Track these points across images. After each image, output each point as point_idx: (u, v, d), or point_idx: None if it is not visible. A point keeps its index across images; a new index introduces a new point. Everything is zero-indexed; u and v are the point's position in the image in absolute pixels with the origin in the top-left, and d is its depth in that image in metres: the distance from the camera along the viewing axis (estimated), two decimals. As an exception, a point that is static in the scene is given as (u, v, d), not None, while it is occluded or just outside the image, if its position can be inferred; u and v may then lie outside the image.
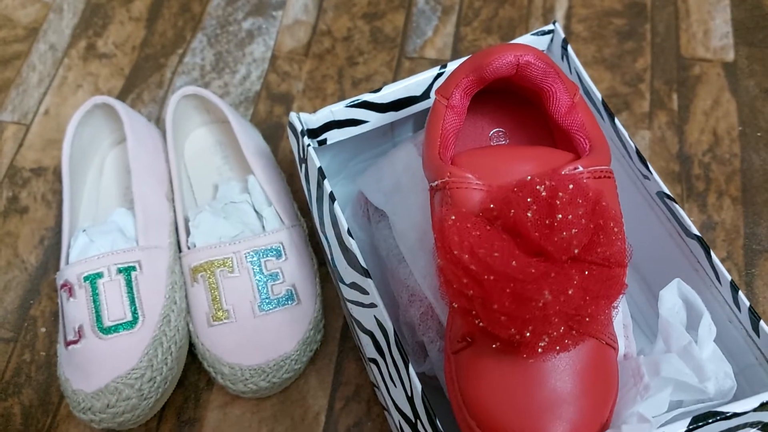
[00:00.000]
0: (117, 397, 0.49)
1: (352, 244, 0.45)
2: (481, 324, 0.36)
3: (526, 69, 0.42)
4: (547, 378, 0.37)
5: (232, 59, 0.70)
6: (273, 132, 0.66)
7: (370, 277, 0.44)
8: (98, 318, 0.51)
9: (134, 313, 0.52)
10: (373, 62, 0.70)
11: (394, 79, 0.69)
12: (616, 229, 0.37)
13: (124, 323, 0.51)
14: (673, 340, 0.42)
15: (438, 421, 0.39)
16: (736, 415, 0.39)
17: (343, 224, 0.46)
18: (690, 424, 0.38)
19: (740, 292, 0.44)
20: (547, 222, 0.36)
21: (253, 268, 0.53)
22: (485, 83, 0.43)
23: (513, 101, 0.46)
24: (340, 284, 0.49)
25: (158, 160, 0.59)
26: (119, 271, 0.52)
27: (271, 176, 0.59)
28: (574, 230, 0.36)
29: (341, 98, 0.68)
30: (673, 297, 0.44)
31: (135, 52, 0.71)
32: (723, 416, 0.39)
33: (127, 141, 0.57)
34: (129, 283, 0.52)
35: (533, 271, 0.35)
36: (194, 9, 0.74)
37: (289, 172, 0.64)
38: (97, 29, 0.73)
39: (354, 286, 0.46)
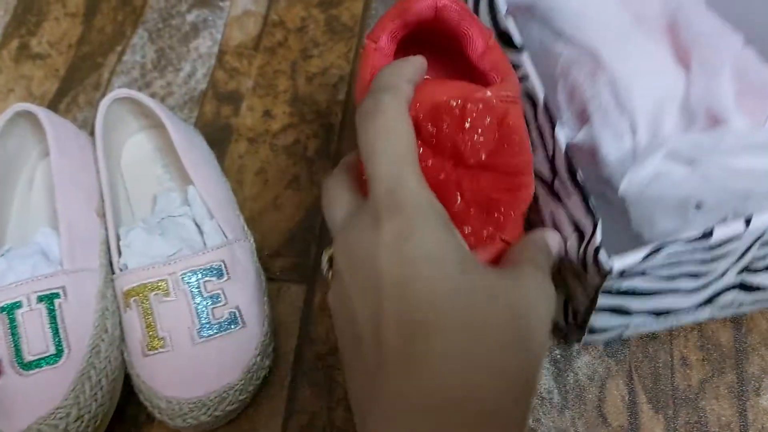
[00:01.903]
0: (40, 441, 0.44)
1: (510, 24, 0.49)
2: None
3: (443, 12, 0.47)
4: None
5: (175, 56, 0.65)
6: (220, 135, 0.61)
7: (524, 51, 0.47)
8: (18, 352, 0.46)
9: (58, 345, 0.46)
10: (329, 54, 0.65)
11: (352, 71, 0.63)
12: (518, 140, 0.43)
13: (47, 357, 0.46)
14: None
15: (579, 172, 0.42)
16: None
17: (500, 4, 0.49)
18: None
19: None
20: (459, 130, 0.42)
21: (191, 291, 0.48)
22: (410, 27, 0.48)
23: (436, 51, 0.51)
24: None
25: (87, 171, 0.53)
26: (40, 299, 0.47)
27: (213, 186, 0.54)
28: (482, 138, 0.42)
29: (294, 95, 0.63)
30: None
31: (71, 50, 0.66)
32: None
33: (50, 152, 0.52)
34: (52, 312, 0.47)
35: (443, 176, 0.42)
36: (135, 1, 0.68)
37: (237, 179, 0.59)
38: (30, 27, 0.67)
39: None
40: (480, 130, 0.43)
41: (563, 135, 0.44)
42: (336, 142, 0.60)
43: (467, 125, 0.42)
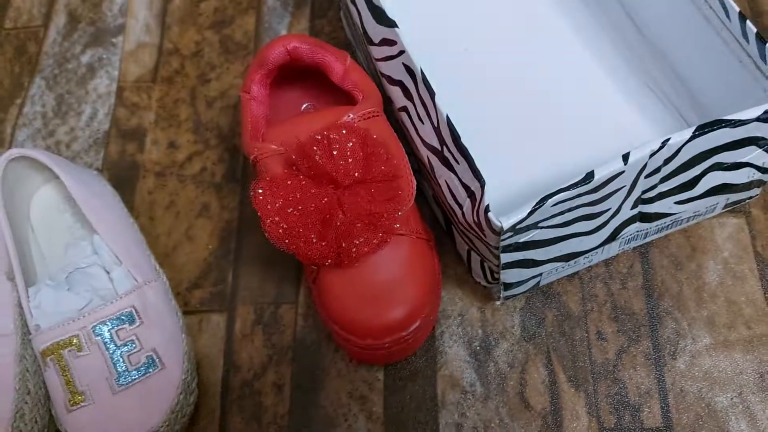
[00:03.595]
0: None
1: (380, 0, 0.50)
2: (309, 254, 0.47)
3: (295, 52, 0.53)
4: (375, 274, 0.47)
5: (74, 100, 0.65)
6: (128, 174, 0.61)
7: (397, 26, 0.49)
8: (-59, 429, 0.47)
9: (-20, 415, 0.47)
10: (227, 75, 0.65)
11: (251, 91, 0.63)
12: (383, 151, 0.48)
13: (-30, 429, 0.47)
14: None
15: (462, 141, 0.44)
16: (741, 122, 0.43)
17: None
18: (695, 131, 0.43)
19: (748, 22, 0.46)
20: (329, 159, 0.47)
21: (104, 342, 0.49)
22: (274, 72, 0.54)
23: (315, 80, 0.57)
24: (371, 47, 0.52)
25: (-8, 235, 0.54)
26: (-45, 374, 0.48)
27: (119, 231, 0.54)
28: (350, 159, 0.47)
29: (196, 123, 0.63)
30: None
31: (-27, 109, 0.66)
32: (729, 123, 0.43)
33: (-52, 224, 0.52)
34: (-31, 385, 0.48)
35: (326, 200, 0.47)
36: (30, 49, 0.68)
37: (149, 216, 0.59)
38: (-70, 91, 0.67)
39: (383, 42, 0.51)
40: (347, 153, 0.47)
41: (443, 104, 0.46)
42: (242, 164, 0.61)
43: (335, 152, 0.47)
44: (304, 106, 0.57)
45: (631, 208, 0.48)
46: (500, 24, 0.62)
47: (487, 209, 0.42)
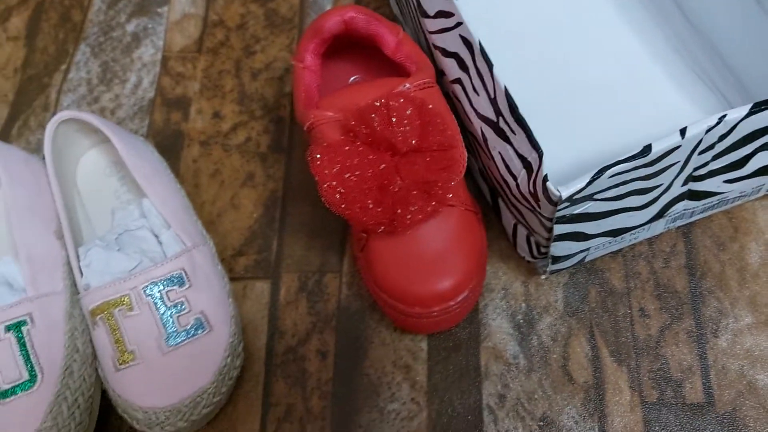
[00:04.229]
0: (24, 465, 0.46)
1: None
2: (364, 219, 0.47)
3: (351, 23, 0.53)
4: (426, 243, 0.48)
5: (119, 68, 0.65)
6: (173, 141, 0.61)
7: None
8: (-8, 382, 0.47)
9: (31, 371, 0.48)
10: (272, 48, 0.65)
11: (296, 64, 0.64)
12: (439, 121, 0.48)
13: (21, 384, 0.47)
14: None
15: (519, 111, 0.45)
16: None
17: None
18: (752, 108, 0.43)
19: None
20: (388, 125, 0.47)
21: (155, 302, 0.49)
22: (328, 42, 0.54)
23: (365, 52, 0.58)
24: (425, 20, 0.53)
25: (43, 195, 0.54)
26: (8, 328, 0.48)
27: (167, 196, 0.54)
28: (408, 127, 0.48)
29: (241, 93, 0.63)
30: None
31: (17, 74, 0.66)
32: None
33: (0, 183, 0.53)
34: (21, 340, 0.48)
35: (383, 166, 0.47)
36: (75, 17, 0.68)
37: (193, 184, 0.59)
38: (-26, 55, 0.68)
39: (439, 14, 0.51)
40: (405, 121, 0.48)
41: (501, 76, 0.46)
42: (288, 135, 0.61)
43: (393, 119, 0.48)
44: (352, 78, 0.58)
45: (682, 185, 0.48)
46: (549, 8, 0.62)
47: (545, 179, 0.43)
